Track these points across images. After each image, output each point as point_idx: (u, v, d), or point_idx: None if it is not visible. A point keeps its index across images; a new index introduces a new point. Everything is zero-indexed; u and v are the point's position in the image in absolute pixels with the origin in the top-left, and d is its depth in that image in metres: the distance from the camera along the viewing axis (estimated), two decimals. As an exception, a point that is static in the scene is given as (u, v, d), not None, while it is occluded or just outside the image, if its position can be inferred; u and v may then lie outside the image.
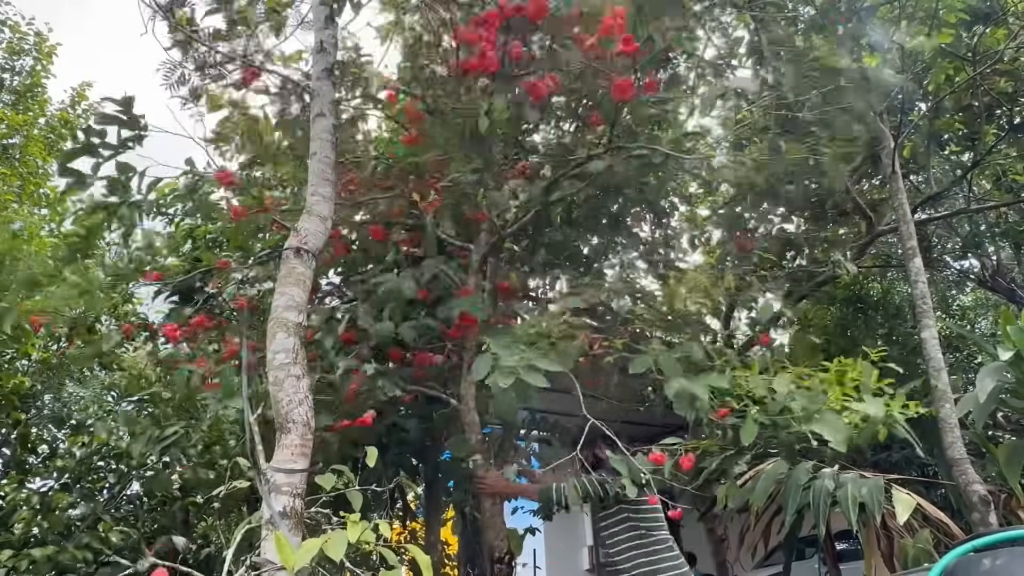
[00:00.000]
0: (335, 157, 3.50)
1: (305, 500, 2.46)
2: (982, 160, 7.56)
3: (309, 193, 3.29)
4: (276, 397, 2.59)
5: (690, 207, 7.36)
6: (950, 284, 10.93)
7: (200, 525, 5.99)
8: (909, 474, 5.64)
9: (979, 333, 10.69)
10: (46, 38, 10.32)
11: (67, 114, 10.26)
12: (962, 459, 4.93)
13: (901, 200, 6.01)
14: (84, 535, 5.00)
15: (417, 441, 5.21)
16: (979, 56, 6.38)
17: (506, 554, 4.04)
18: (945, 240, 9.95)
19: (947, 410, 5.09)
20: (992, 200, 8.51)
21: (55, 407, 6.40)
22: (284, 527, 2.27)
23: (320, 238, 3.14)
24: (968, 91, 6.93)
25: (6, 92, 9.98)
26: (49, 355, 6.45)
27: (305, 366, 2.73)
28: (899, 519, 4.08)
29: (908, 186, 7.77)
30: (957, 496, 5.07)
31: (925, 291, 5.71)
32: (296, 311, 2.83)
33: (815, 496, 4.29)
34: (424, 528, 6.18)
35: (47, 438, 6.35)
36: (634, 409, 7.12)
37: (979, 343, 8.07)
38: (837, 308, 9.98)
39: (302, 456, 2.50)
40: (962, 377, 8.68)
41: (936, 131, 7.51)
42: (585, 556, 11.65)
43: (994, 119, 7.45)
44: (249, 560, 2.18)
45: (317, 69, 3.72)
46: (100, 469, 5.86)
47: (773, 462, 4.72)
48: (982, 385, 4.90)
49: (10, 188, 8.33)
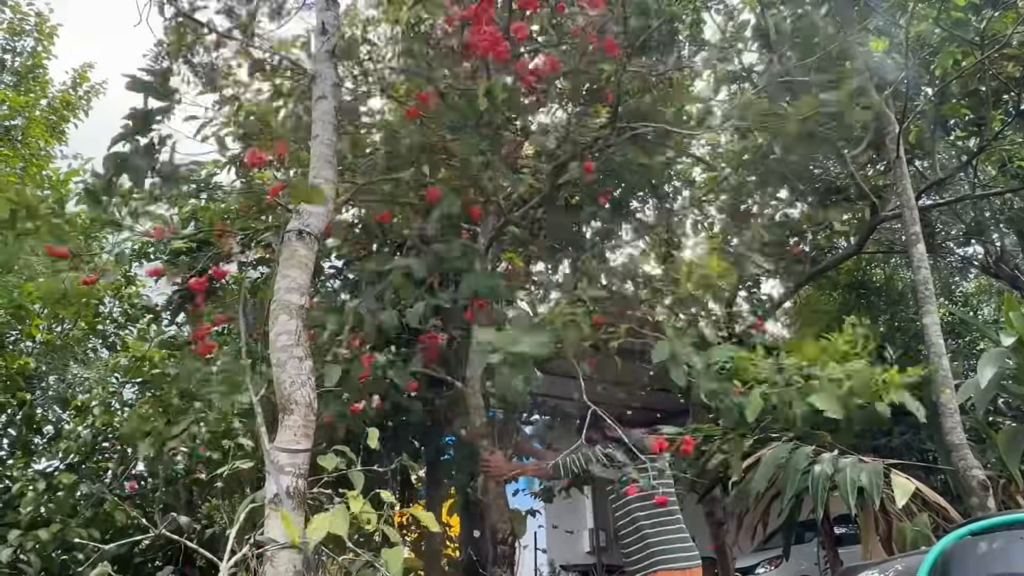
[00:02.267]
0: (337, 139, 3.49)
1: (308, 480, 2.49)
2: (988, 146, 7.50)
3: (311, 176, 3.29)
4: (279, 378, 2.61)
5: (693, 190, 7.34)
6: (954, 270, 10.92)
7: (204, 505, 6.05)
8: (909, 459, 5.68)
9: (982, 320, 10.69)
10: (47, 18, 10.25)
11: (69, 95, 10.21)
12: (962, 444, 4.95)
13: (905, 186, 5.98)
14: (88, 514, 5.06)
15: (420, 423, 5.24)
16: (987, 40, 6.31)
17: (509, 535, 4.08)
18: (949, 226, 9.91)
19: (948, 395, 5.11)
20: (997, 186, 8.46)
21: (60, 388, 6.44)
22: (288, 506, 2.29)
23: (322, 220, 3.14)
24: (975, 76, 6.86)
25: (7, 73, 9.93)
26: (53, 336, 6.49)
27: (307, 348, 2.74)
28: (898, 503, 4.12)
29: (913, 172, 7.73)
30: (956, 481, 5.10)
31: (928, 277, 5.70)
32: (298, 293, 2.84)
33: (814, 480, 4.33)
34: (427, 509, 6.22)
35: (52, 419, 6.40)
36: (635, 394, 7.15)
37: (981, 329, 8.09)
38: (839, 294, 9.98)
39: (305, 437, 2.52)
40: (964, 363, 8.70)
41: (942, 116, 7.46)
42: (587, 538, 11.74)
43: (1001, 104, 7.39)
44: (253, 539, 2.21)
45: (319, 51, 3.70)
46: (105, 450, 5.91)
47: (773, 446, 4.76)
48: (983, 371, 4.91)
49: (12, 169, 8.31)
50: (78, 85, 10.30)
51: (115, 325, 7.13)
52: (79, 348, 6.79)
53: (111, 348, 7.06)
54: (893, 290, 9.93)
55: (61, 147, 9.98)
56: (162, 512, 5.31)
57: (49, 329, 6.57)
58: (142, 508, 5.53)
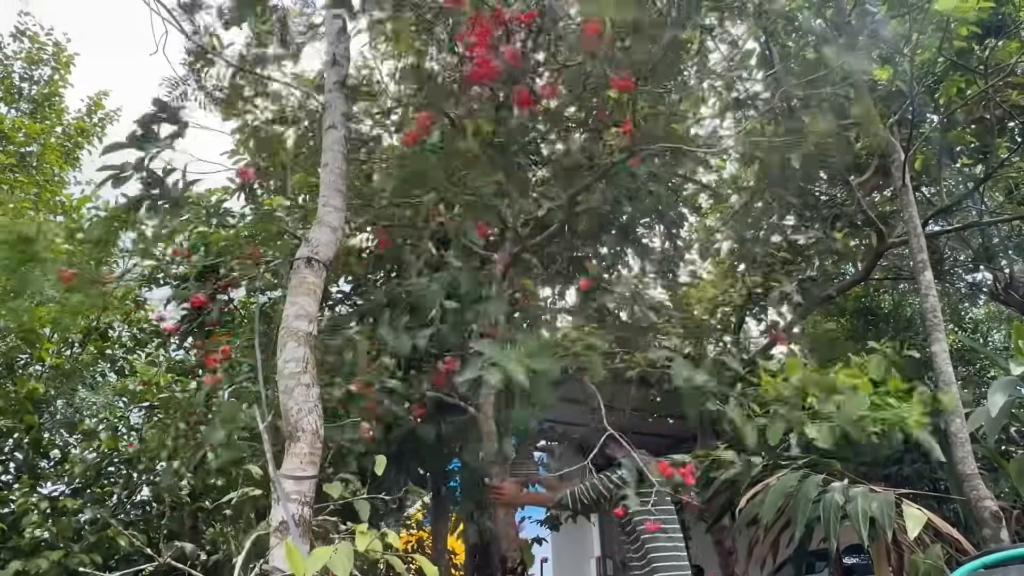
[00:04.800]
0: (346, 168, 3.53)
1: (313, 508, 2.48)
2: (994, 173, 7.52)
3: (320, 203, 3.33)
4: (286, 406, 2.62)
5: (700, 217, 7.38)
6: (962, 297, 10.86)
7: (209, 531, 6.01)
8: (920, 489, 5.59)
9: (991, 347, 10.61)
10: (64, 48, 10.47)
11: (84, 123, 10.39)
12: (973, 474, 4.88)
13: (912, 213, 5.99)
14: (92, 539, 5.03)
15: (426, 449, 5.21)
16: (991, 69, 6.36)
17: (519, 564, 4.04)
18: (957, 252, 9.89)
19: (958, 424, 5.05)
20: (1005, 213, 8.46)
21: (67, 412, 6.45)
22: (294, 534, 2.29)
23: (331, 248, 3.16)
24: (980, 103, 6.90)
25: (24, 101, 10.12)
26: (62, 360, 6.52)
27: (315, 375, 2.75)
28: (910, 534, 4.06)
29: (920, 198, 7.74)
30: (968, 512, 5.02)
31: (935, 304, 5.67)
32: (307, 320, 2.85)
33: (825, 509, 4.27)
34: (431, 537, 6.17)
35: (59, 443, 6.41)
36: (644, 419, 7.12)
37: (991, 357, 8.01)
38: (847, 320, 9.94)
39: (311, 464, 2.52)
40: (974, 391, 8.61)
41: (948, 143, 7.49)
42: (593, 567, 11.57)
43: (1006, 132, 7.42)
44: (258, 568, 2.20)
45: (329, 81, 3.76)
46: (111, 474, 5.90)
47: (782, 474, 4.71)
48: (994, 399, 4.87)
49: (27, 195, 8.43)
50: (93, 112, 10.49)
51: (124, 350, 7.17)
52: (88, 372, 6.81)
53: (120, 373, 7.08)
54: (901, 317, 9.89)
55: (75, 173, 10.13)
56: (166, 539, 5.29)
57: (59, 353, 6.60)
58: (146, 534, 5.50)
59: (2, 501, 5.22)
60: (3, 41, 10.16)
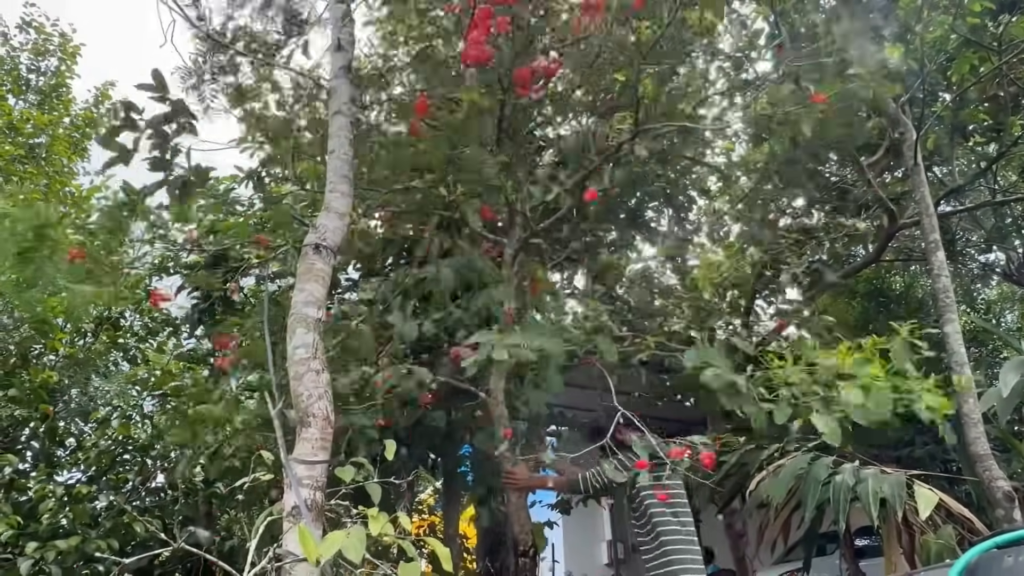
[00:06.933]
0: (353, 154, 3.52)
1: (325, 492, 2.49)
2: (1007, 152, 7.42)
3: (328, 190, 3.32)
4: (296, 391, 2.63)
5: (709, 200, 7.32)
6: (974, 277, 10.77)
7: (223, 517, 6.08)
8: (932, 470, 5.59)
9: (1004, 327, 10.52)
10: (70, 39, 10.48)
11: (91, 113, 10.41)
12: (986, 455, 4.87)
13: (923, 193, 5.93)
14: (108, 525, 5.10)
15: (437, 434, 5.24)
16: (1005, 46, 6.25)
17: (531, 547, 4.06)
18: (969, 233, 9.79)
19: (970, 405, 5.03)
20: (1018, 192, 8.36)
21: (82, 401, 6.52)
22: (306, 518, 2.30)
23: (339, 234, 3.16)
24: (993, 81, 6.80)
25: (32, 92, 10.14)
26: (76, 350, 6.58)
27: (324, 361, 2.76)
28: (921, 515, 4.04)
29: (931, 178, 7.65)
30: (980, 492, 5.01)
31: (948, 285, 5.63)
32: (315, 307, 2.86)
33: (835, 492, 4.27)
34: (443, 521, 6.21)
35: (74, 431, 6.48)
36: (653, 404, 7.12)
37: (1004, 337, 7.96)
38: (859, 302, 9.88)
39: (322, 449, 2.53)
40: (986, 372, 8.56)
41: (960, 122, 7.39)
42: (604, 550, 11.65)
43: (1020, 109, 7.31)
44: (272, 552, 2.22)
45: (334, 67, 3.74)
46: (126, 462, 5.97)
47: (793, 456, 4.70)
48: (1006, 380, 4.85)
49: (36, 186, 8.48)
50: (100, 103, 10.50)
51: (136, 338, 7.23)
52: (101, 361, 6.88)
53: (132, 361, 7.15)
54: (913, 298, 9.82)
55: (83, 164, 10.17)
56: (181, 524, 5.36)
57: (72, 343, 6.67)
58: (161, 520, 5.57)
59: (20, 489, 5.29)
60: (10, 32, 10.18)
